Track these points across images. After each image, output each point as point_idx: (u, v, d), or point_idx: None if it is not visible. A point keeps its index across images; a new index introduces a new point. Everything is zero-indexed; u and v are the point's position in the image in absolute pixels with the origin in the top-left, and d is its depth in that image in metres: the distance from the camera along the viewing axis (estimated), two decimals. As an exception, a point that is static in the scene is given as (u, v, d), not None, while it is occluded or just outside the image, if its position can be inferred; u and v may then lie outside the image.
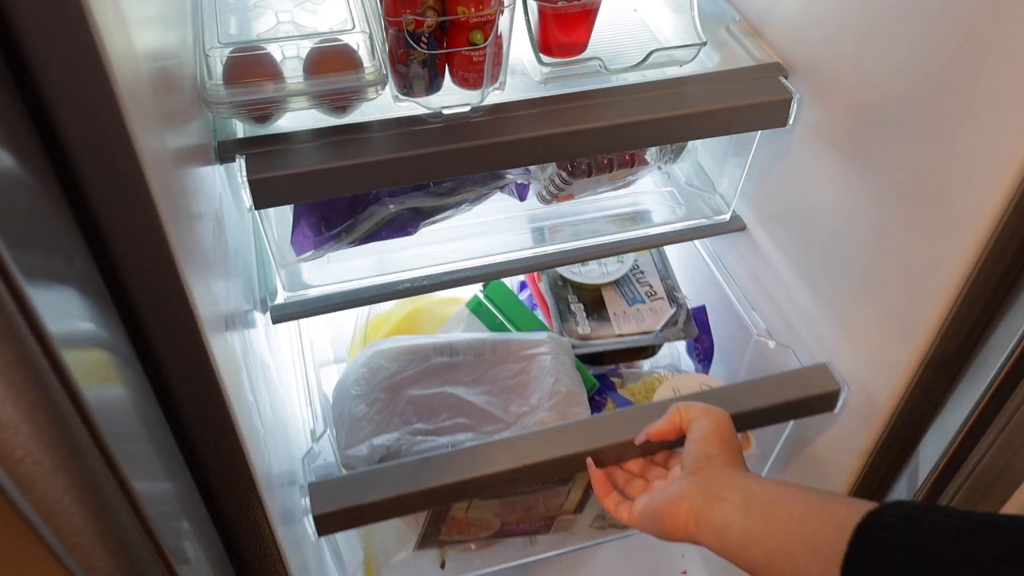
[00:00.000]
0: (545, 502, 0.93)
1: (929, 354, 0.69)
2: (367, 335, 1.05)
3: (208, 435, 0.49)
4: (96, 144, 0.35)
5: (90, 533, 0.32)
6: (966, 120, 0.59)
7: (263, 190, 0.65)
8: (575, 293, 1.00)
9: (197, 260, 0.46)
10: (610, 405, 0.96)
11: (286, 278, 0.80)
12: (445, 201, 0.81)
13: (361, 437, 0.84)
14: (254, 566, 0.60)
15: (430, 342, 0.93)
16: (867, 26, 0.67)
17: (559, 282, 1.01)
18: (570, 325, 0.96)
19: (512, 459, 0.74)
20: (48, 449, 0.29)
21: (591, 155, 0.81)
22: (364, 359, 0.91)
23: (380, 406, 0.87)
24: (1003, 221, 0.59)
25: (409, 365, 0.90)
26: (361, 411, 0.86)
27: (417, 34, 0.64)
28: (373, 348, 0.92)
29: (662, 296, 0.99)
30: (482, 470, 0.73)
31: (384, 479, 0.73)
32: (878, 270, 0.72)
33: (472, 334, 0.96)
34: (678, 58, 0.78)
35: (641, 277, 1.01)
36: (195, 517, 0.49)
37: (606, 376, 1.02)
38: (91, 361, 0.34)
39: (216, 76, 0.62)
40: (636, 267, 1.02)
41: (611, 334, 0.96)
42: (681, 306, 0.98)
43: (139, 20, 0.42)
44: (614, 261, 1.00)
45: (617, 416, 0.78)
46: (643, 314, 0.97)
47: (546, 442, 0.75)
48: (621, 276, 1.00)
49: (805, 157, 0.79)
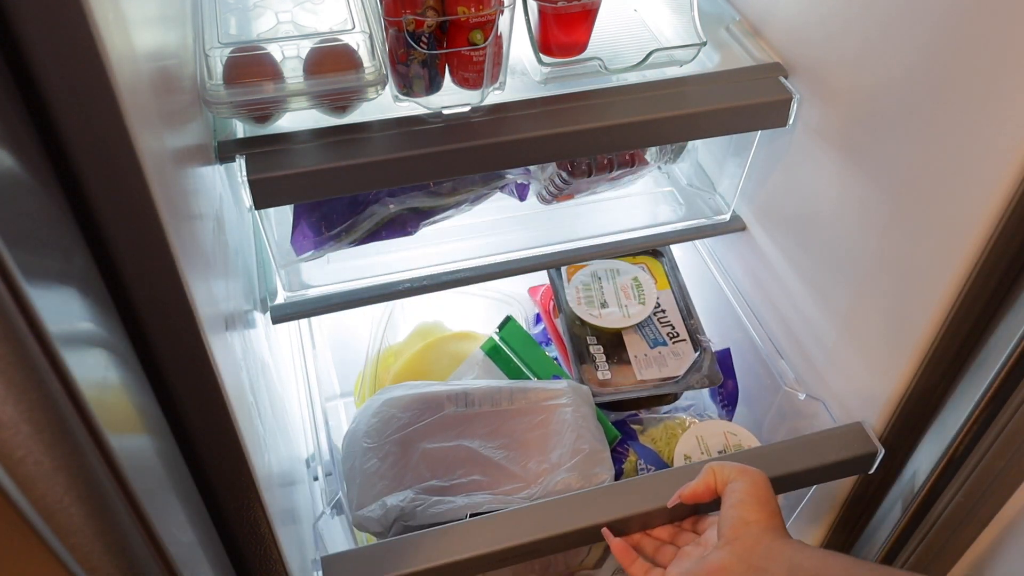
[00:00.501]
0: (565, 559, 0.91)
1: (930, 353, 0.69)
2: (377, 370, 1.02)
3: (208, 435, 0.49)
4: (96, 144, 0.35)
5: (90, 533, 0.32)
6: (966, 120, 0.59)
7: (263, 190, 0.65)
8: (594, 334, 0.94)
9: (197, 260, 0.46)
10: (631, 456, 0.91)
11: (286, 278, 0.80)
12: (445, 201, 0.81)
13: (374, 495, 0.81)
14: (254, 566, 0.60)
15: (444, 390, 0.89)
16: (867, 26, 0.67)
17: (577, 323, 0.95)
18: (589, 368, 0.91)
19: (533, 530, 0.72)
20: (48, 449, 0.29)
21: (591, 155, 0.81)
22: (375, 408, 0.87)
23: (393, 460, 0.83)
24: (1003, 221, 0.59)
25: (422, 415, 0.86)
26: (373, 466, 0.83)
27: (417, 34, 0.64)
28: (384, 396, 0.88)
29: (685, 338, 0.94)
30: (502, 543, 0.71)
31: (400, 552, 0.71)
32: (878, 270, 0.72)
33: (488, 381, 0.92)
34: (678, 58, 0.78)
35: (663, 316, 0.96)
36: (195, 517, 0.49)
37: (625, 422, 0.96)
38: (91, 361, 0.33)
39: (216, 76, 0.62)
40: (658, 305, 0.96)
41: (632, 380, 0.90)
42: (705, 350, 0.92)
43: (139, 20, 0.42)
44: (635, 302, 0.94)
45: (643, 482, 0.76)
46: (665, 358, 0.92)
47: (569, 511, 0.73)
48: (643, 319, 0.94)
49: (805, 157, 0.79)
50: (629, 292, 0.95)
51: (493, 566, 0.73)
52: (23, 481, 0.29)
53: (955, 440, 0.70)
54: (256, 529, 0.57)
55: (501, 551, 0.72)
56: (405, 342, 1.05)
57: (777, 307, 0.90)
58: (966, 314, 0.65)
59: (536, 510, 0.74)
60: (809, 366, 0.86)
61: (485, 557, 0.71)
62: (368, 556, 0.71)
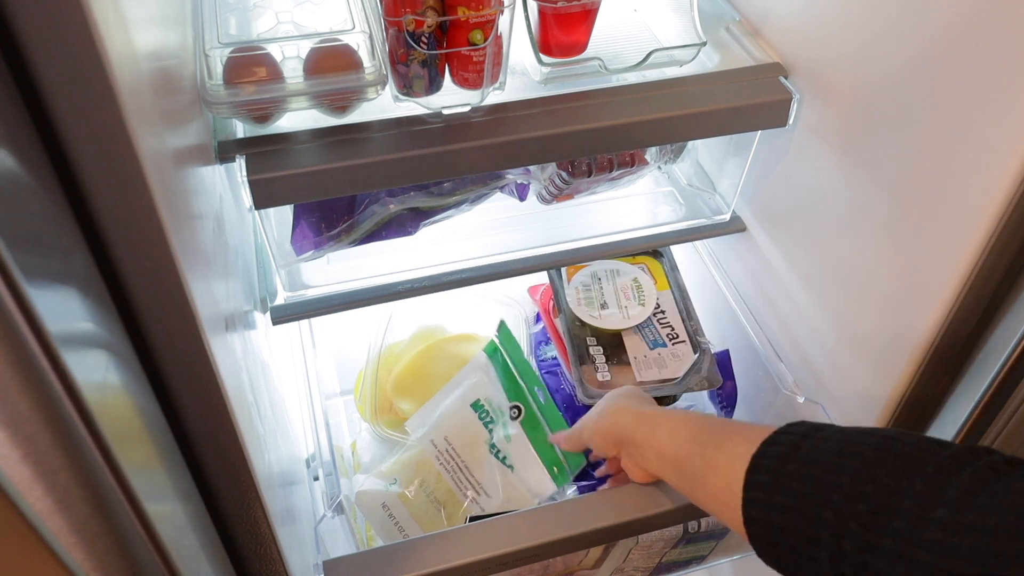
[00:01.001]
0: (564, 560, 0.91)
1: (929, 354, 0.69)
2: (378, 371, 1.01)
3: (208, 435, 0.49)
4: (96, 144, 0.35)
5: (90, 534, 0.32)
6: (966, 120, 0.59)
7: (263, 190, 0.65)
8: (594, 335, 0.94)
9: (197, 260, 0.46)
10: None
11: (286, 278, 0.80)
12: (445, 201, 0.81)
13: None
14: (254, 566, 0.60)
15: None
16: (867, 26, 0.67)
17: (577, 323, 0.95)
18: (589, 369, 0.91)
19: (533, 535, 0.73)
20: (48, 449, 0.29)
21: (591, 155, 0.81)
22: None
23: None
24: (1003, 221, 0.59)
25: None
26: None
27: (417, 34, 0.64)
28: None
29: (684, 340, 0.93)
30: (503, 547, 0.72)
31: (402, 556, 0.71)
32: (878, 270, 0.72)
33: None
34: (678, 58, 0.78)
35: (663, 318, 0.95)
36: (195, 517, 0.49)
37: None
38: (91, 361, 0.33)
39: (216, 76, 0.62)
40: (658, 306, 0.96)
41: (631, 382, 0.90)
42: (704, 351, 0.92)
43: (139, 20, 0.42)
44: (635, 303, 0.95)
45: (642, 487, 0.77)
46: (665, 359, 0.92)
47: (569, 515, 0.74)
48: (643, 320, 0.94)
49: (805, 157, 0.79)
50: (629, 293, 0.95)
51: (493, 570, 0.74)
52: (23, 481, 0.29)
53: (955, 440, 0.70)
54: (256, 529, 0.57)
55: (501, 555, 0.72)
56: (406, 344, 1.05)
57: (776, 308, 0.90)
58: (966, 315, 0.65)
59: (536, 514, 0.74)
60: (808, 368, 0.86)
61: (485, 561, 0.72)
62: (370, 560, 0.71)
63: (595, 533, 0.73)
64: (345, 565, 0.70)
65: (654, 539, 0.89)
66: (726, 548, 1.00)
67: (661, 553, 0.94)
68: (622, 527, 0.74)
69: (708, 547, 0.97)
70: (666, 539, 0.90)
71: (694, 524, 0.90)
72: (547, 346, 1.05)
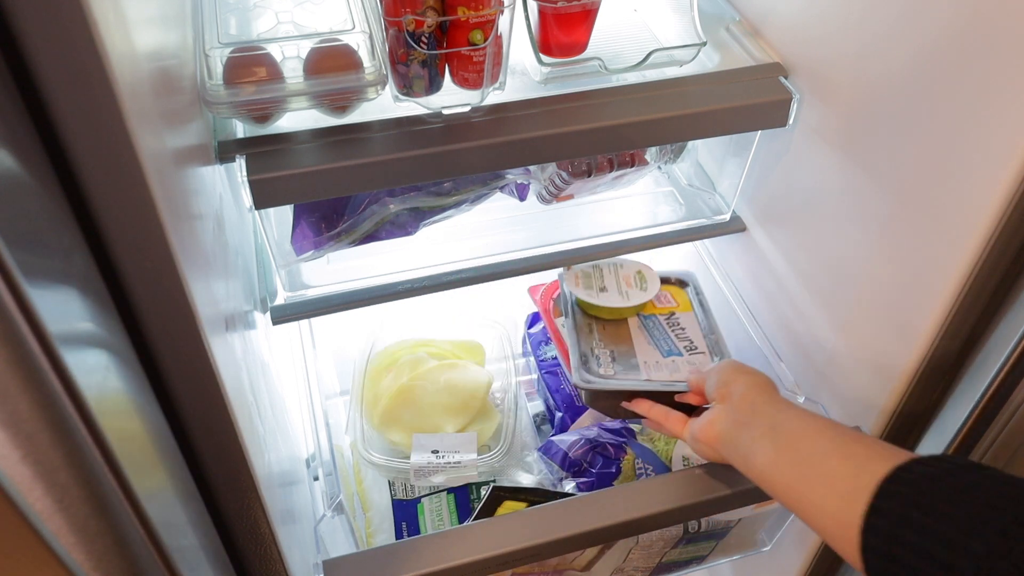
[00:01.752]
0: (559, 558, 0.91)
1: (929, 354, 0.69)
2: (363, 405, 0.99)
3: (208, 435, 0.49)
4: (96, 144, 0.35)
5: (90, 533, 0.32)
6: (966, 120, 0.59)
7: (263, 190, 0.65)
8: (600, 336, 0.92)
9: (197, 260, 0.46)
10: (630, 455, 0.91)
11: (286, 278, 0.80)
12: (445, 201, 0.81)
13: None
14: (254, 566, 0.60)
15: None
16: (867, 26, 0.67)
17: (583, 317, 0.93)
18: (591, 366, 0.88)
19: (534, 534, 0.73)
20: (48, 449, 0.29)
21: (591, 155, 0.81)
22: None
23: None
24: (1003, 221, 0.59)
25: None
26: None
27: (417, 34, 0.64)
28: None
29: (704, 351, 0.90)
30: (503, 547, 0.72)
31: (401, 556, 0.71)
32: (878, 270, 0.72)
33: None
34: (678, 58, 0.78)
35: (681, 333, 0.93)
36: (195, 517, 0.49)
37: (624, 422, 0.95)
38: (91, 361, 0.33)
39: (216, 76, 0.62)
40: (676, 323, 0.94)
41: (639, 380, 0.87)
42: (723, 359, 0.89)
43: (139, 20, 0.42)
44: (636, 289, 0.93)
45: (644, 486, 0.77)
46: (679, 366, 0.88)
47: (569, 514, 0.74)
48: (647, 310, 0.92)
49: (805, 157, 0.79)
50: (631, 281, 0.95)
51: (493, 570, 0.74)
52: (23, 481, 0.29)
53: (953, 442, 0.70)
54: (256, 529, 0.57)
55: (501, 555, 0.72)
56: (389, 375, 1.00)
57: (777, 308, 0.90)
58: (966, 315, 0.65)
59: (536, 514, 0.74)
60: (808, 368, 0.86)
61: (485, 561, 0.72)
62: (369, 560, 0.71)
63: (595, 533, 0.73)
64: (345, 565, 0.70)
65: (654, 539, 0.89)
66: (726, 548, 1.00)
67: (661, 553, 0.94)
68: (622, 527, 0.74)
69: (708, 547, 0.97)
70: (666, 539, 0.90)
71: (694, 524, 0.90)
72: (547, 346, 1.05)
